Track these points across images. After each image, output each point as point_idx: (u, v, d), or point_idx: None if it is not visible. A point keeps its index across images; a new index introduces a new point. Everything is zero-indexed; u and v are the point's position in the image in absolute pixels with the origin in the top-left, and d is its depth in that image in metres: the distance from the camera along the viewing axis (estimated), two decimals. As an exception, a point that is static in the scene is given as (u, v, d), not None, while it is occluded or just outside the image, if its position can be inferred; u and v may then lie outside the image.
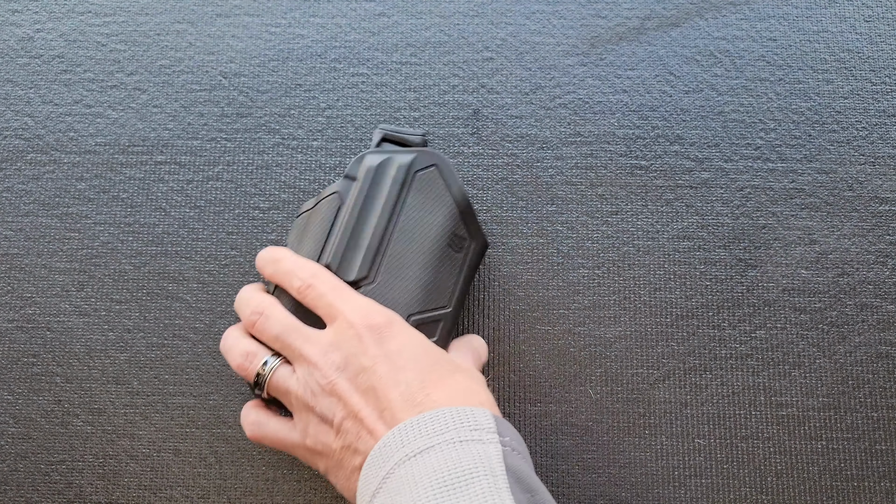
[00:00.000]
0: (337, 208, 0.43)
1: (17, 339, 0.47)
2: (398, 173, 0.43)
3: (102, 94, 0.51)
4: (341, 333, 0.38)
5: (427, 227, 0.43)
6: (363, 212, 0.43)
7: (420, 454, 0.33)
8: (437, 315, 0.43)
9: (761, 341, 0.47)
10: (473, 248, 0.44)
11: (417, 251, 0.43)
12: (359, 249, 0.42)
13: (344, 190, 0.44)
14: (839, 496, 0.44)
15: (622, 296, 0.47)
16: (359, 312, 0.38)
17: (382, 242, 0.43)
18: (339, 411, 0.37)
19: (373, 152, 0.44)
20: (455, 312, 0.43)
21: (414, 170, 0.43)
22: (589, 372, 0.46)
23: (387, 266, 0.42)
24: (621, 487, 0.45)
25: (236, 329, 0.42)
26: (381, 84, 0.51)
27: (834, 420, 0.45)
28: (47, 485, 0.45)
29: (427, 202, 0.43)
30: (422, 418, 0.34)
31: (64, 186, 0.50)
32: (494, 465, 0.32)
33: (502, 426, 0.35)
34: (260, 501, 0.45)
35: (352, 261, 0.42)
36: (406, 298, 0.42)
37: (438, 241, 0.43)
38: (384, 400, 0.36)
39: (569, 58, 0.51)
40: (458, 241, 0.43)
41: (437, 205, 0.43)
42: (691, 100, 0.50)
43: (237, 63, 0.52)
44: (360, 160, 0.44)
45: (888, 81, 0.51)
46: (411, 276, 0.43)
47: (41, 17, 0.53)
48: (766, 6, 0.52)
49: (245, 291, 0.42)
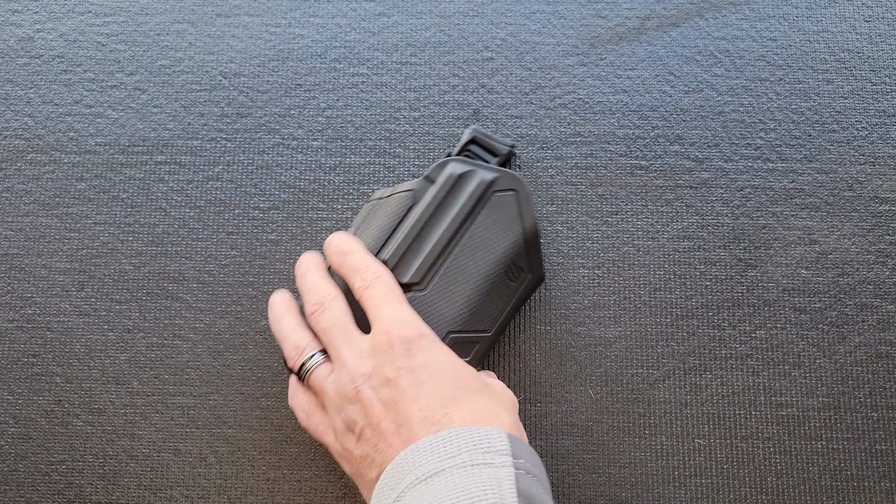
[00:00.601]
0: (409, 207, 0.44)
1: (17, 339, 0.47)
2: (476, 189, 0.43)
3: (102, 94, 0.51)
4: (376, 340, 0.38)
5: (490, 249, 0.43)
6: (433, 218, 0.43)
7: (430, 478, 0.33)
8: (476, 337, 0.43)
9: (761, 341, 0.47)
10: (529, 280, 0.44)
11: (474, 271, 0.43)
12: (419, 254, 0.43)
13: (420, 190, 0.44)
14: (839, 496, 0.44)
15: (622, 296, 0.47)
16: (395, 322, 0.38)
17: (443, 254, 0.43)
18: (361, 419, 0.37)
19: (457, 160, 0.44)
20: (493, 338, 0.43)
21: (493, 189, 0.44)
22: (589, 372, 0.46)
23: (441, 278, 0.43)
24: (621, 487, 0.45)
25: (294, 316, 0.42)
26: (381, 84, 0.51)
27: (834, 420, 0.45)
28: (47, 485, 0.45)
29: (496, 225, 0.44)
30: (436, 438, 0.34)
31: (64, 186, 0.50)
32: (505, 490, 0.32)
33: (518, 447, 0.34)
34: (260, 501, 0.45)
35: (409, 264, 0.43)
36: (451, 314, 0.43)
37: (497, 266, 0.43)
38: (403, 414, 0.36)
39: (569, 58, 0.51)
40: (515, 271, 0.44)
41: (505, 230, 0.44)
42: (691, 100, 0.50)
43: (237, 63, 0.52)
44: (443, 165, 0.44)
45: (888, 81, 0.51)
46: (462, 293, 0.43)
47: (41, 17, 0.53)
48: (766, 6, 0.52)
49: (313, 275, 0.42)
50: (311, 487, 0.45)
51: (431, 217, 0.43)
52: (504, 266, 0.43)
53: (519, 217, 0.44)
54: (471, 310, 0.43)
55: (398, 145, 0.50)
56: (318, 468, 0.45)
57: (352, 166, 0.50)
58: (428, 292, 0.43)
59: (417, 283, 0.42)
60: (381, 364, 0.37)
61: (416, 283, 0.42)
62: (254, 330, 0.47)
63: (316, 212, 0.49)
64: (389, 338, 0.38)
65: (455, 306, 0.43)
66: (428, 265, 0.43)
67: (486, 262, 0.43)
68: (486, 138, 0.46)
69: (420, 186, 0.44)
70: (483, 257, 0.43)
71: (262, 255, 0.48)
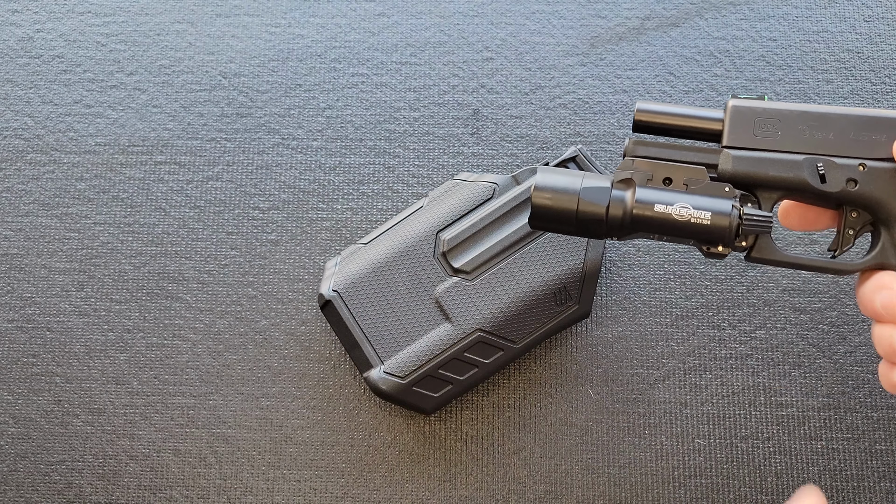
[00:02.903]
0: (487, 199, 0.45)
1: (17, 339, 0.47)
2: None
3: (102, 94, 0.51)
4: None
5: (547, 267, 0.44)
6: (504, 217, 0.44)
7: None
8: (502, 345, 0.43)
9: (761, 341, 0.47)
10: (574, 311, 0.44)
11: (524, 282, 0.44)
12: (478, 246, 0.44)
13: (503, 187, 0.45)
14: (839, 496, 0.44)
15: (622, 296, 0.47)
16: None
17: (501, 255, 0.44)
18: None
19: (548, 170, 0.44)
20: (519, 352, 0.44)
21: None
22: (589, 372, 0.46)
23: (491, 276, 0.44)
24: (621, 487, 0.45)
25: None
26: (381, 84, 0.51)
27: (834, 420, 0.45)
28: (47, 485, 0.45)
29: (562, 246, 0.44)
30: None
31: (64, 186, 0.50)
32: None
33: None
34: (260, 501, 0.45)
35: (466, 251, 0.44)
36: (487, 313, 0.43)
37: (547, 285, 0.44)
38: None
39: (569, 58, 0.51)
40: (563, 297, 0.44)
41: (568, 255, 0.44)
42: (691, 100, 0.50)
43: (237, 63, 0.52)
44: (533, 171, 0.45)
45: (888, 81, 0.51)
46: (504, 298, 0.43)
47: (41, 17, 0.53)
48: (766, 6, 0.52)
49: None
50: (311, 487, 0.45)
51: (504, 216, 0.44)
52: (554, 288, 0.44)
53: (585, 247, 0.44)
54: (507, 317, 0.43)
55: (398, 145, 0.50)
56: (318, 468, 0.45)
57: (352, 166, 0.50)
58: (474, 284, 0.44)
59: (467, 272, 0.44)
60: None
61: (466, 272, 0.44)
62: (254, 330, 0.47)
63: (316, 212, 0.49)
64: None
65: (493, 307, 0.43)
66: (483, 259, 0.44)
67: (538, 277, 0.44)
68: (587, 161, 0.47)
69: (505, 183, 0.45)
70: (537, 272, 0.44)
71: (262, 255, 0.48)
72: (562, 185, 0.36)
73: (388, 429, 0.46)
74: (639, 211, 0.35)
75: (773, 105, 0.36)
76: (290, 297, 0.48)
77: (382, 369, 0.43)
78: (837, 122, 0.36)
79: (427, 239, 0.45)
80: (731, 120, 0.36)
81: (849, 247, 0.36)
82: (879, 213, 0.35)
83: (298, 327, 0.47)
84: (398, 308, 0.44)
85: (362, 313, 0.44)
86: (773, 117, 0.36)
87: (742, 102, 0.36)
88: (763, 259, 0.36)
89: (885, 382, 0.36)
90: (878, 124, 0.35)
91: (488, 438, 0.45)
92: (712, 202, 0.35)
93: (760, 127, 0.36)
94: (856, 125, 0.35)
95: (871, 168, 0.35)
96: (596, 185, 0.35)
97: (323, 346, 0.47)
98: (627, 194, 0.35)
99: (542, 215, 0.36)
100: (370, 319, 0.44)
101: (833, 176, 0.35)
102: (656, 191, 0.35)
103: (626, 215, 0.35)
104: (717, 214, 0.34)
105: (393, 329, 0.44)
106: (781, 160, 0.36)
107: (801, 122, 0.36)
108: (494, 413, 0.46)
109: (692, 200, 0.35)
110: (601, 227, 0.35)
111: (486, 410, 0.46)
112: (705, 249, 0.35)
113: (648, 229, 0.35)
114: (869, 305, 0.35)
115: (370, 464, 0.45)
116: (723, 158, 0.36)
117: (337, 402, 0.46)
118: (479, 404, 0.46)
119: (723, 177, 0.36)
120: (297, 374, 0.46)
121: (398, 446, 0.45)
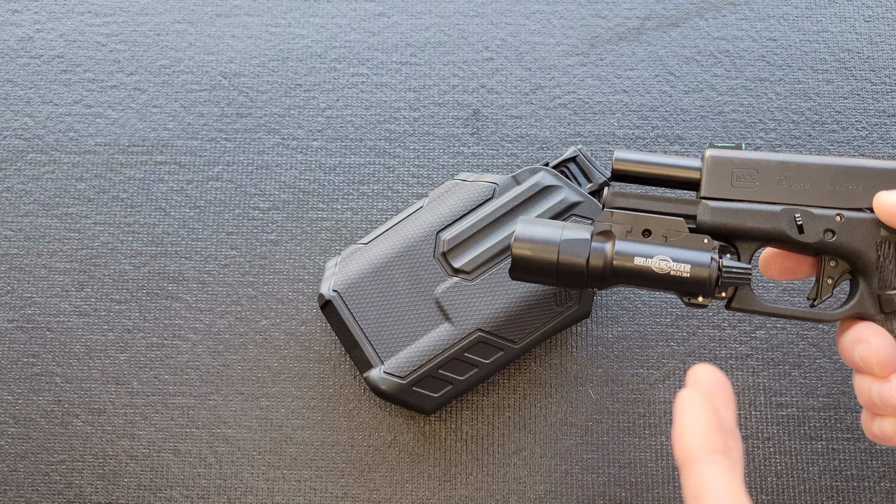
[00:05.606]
0: (487, 199, 0.45)
1: (17, 339, 0.47)
2: (557, 205, 0.44)
3: (102, 94, 0.51)
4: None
5: None
6: (505, 217, 0.44)
7: None
8: (502, 345, 0.43)
9: (761, 341, 0.47)
10: (574, 311, 0.44)
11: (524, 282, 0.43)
12: (478, 246, 0.44)
13: (503, 187, 0.45)
14: (839, 496, 0.44)
15: (622, 296, 0.47)
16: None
17: (501, 255, 0.44)
18: None
19: (549, 171, 0.45)
20: (518, 353, 0.44)
21: (573, 212, 0.44)
22: (589, 372, 0.46)
23: (491, 276, 0.44)
24: (621, 487, 0.45)
25: None
26: (381, 84, 0.51)
27: (834, 420, 0.45)
28: (47, 485, 0.45)
29: None
30: None
31: (64, 186, 0.50)
32: None
33: None
34: (260, 501, 0.45)
35: (465, 251, 0.44)
36: (487, 313, 0.43)
37: (547, 286, 0.43)
38: None
39: (569, 58, 0.51)
40: (563, 297, 0.44)
41: None
42: (691, 100, 0.50)
43: (237, 63, 0.52)
44: (534, 172, 0.45)
45: (888, 81, 0.51)
46: (503, 298, 0.43)
47: (41, 17, 0.53)
48: (766, 6, 0.52)
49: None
50: (311, 487, 0.45)
51: (504, 216, 0.44)
52: (554, 288, 0.44)
53: None
54: (507, 317, 0.43)
55: (398, 145, 0.50)
56: (318, 468, 0.45)
57: (351, 166, 0.50)
58: (474, 284, 0.44)
59: (467, 272, 0.44)
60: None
61: (467, 272, 0.44)
62: (253, 330, 0.47)
63: (316, 212, 0.49)
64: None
65: (494, 307, 0.43)
66: (483, 259, 0.44)
67: None
68: (587, 162, 0.46)
69: (505, 183, 0.45)
70: None
71: (262, 255, 0.48)
72: (542, 236, 0.36)
73: (388, 429, 0.46)
74: (619, 263, 0.35)
75: (751, 155, 0.36)
76: (290, 297, 0.48)
77: (382, 369, 0.43)
78: (815, 172, 0.36)
79: (427, 239, 0.45)
80: (708, 171, 0.36)
81: (828, 296, 0.36)
82: (857, 263, 0.35)
83: (298, 327, 0.47)
84: (398, 308, 0.44)
85: (362, 313, 0.44)
86: (751, 167, 0.36)
87: (720, 152, 0.36)
88: (743, 309, 0.36)
89: (867, 431, 0.36)
90: (855, 174, 0.35)
91: (488, 438, 0.45)
92: (691, 255, 0.35)
93: (738, 177, 0.36)
94: (833, 175, 0.36)
95: (847, 218, 0.35)
96: (576, 237, 0.35)
97: (323, 346, 0.47)
98: (607, 246, 0.35)
99: (523, 267, 0.36)
100: (370, 319, 0.44)
101: (811, 226, 0.35)
102: (636, 243, 0.35)
103: (606, 267, 0.35)
104: (697, 266, 0.34)
105: (393, 329, 0.44)
106: (759, 211, 0.36)
107: (779, 173, 0.36)
108: (494, 413, 0.46)
109: (672, 253, 0.35)
110: (581, 278, 0.35)
111: (486, 410, 0.46)
112: (686, 300, 0.35)
113: (629, 281, 0.35)
114: (849, 356, 0.35)
115: (370, 464, 0.45)
116: (701, 210, 0.36)
117: (337, 402, 0.46)
118: (479, 404, 0.46)
119: (701, 228, 0.36)
120: (297, 374, 0.47)
121: (398, 446, 0.45)
